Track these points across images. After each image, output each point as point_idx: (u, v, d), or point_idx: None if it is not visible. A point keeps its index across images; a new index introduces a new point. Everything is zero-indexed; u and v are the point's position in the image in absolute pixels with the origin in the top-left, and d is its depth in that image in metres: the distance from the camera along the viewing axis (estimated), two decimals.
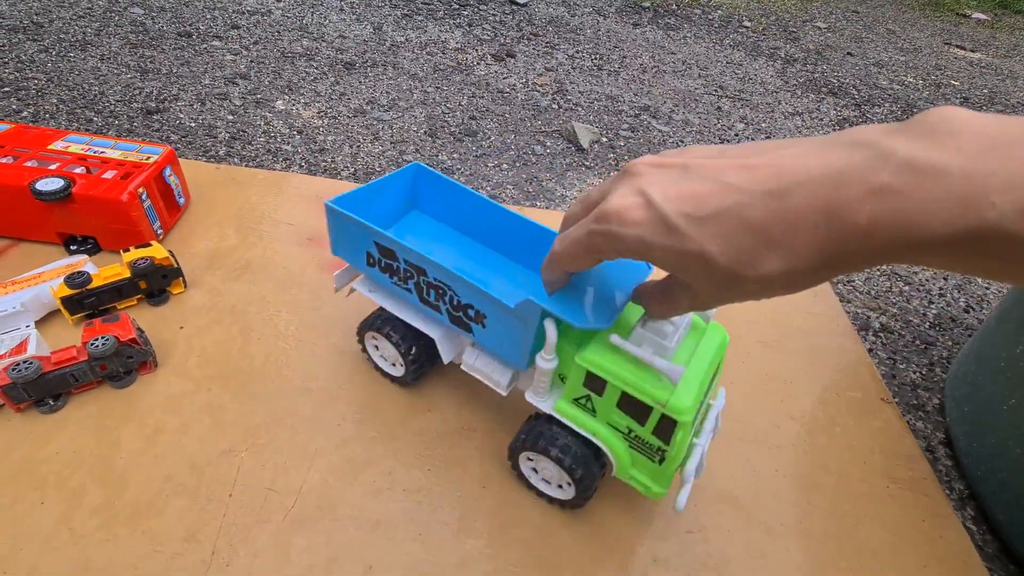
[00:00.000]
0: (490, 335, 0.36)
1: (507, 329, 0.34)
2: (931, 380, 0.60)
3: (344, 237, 0.39)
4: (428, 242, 0.44)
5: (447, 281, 0.35)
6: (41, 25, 1.06)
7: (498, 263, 0.43)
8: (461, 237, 0.45)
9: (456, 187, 0.43)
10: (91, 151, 0.56)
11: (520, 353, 0.35)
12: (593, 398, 0.33)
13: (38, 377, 0.39)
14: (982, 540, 0.46)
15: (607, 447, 0.34)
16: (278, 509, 0.38)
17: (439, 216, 0.46)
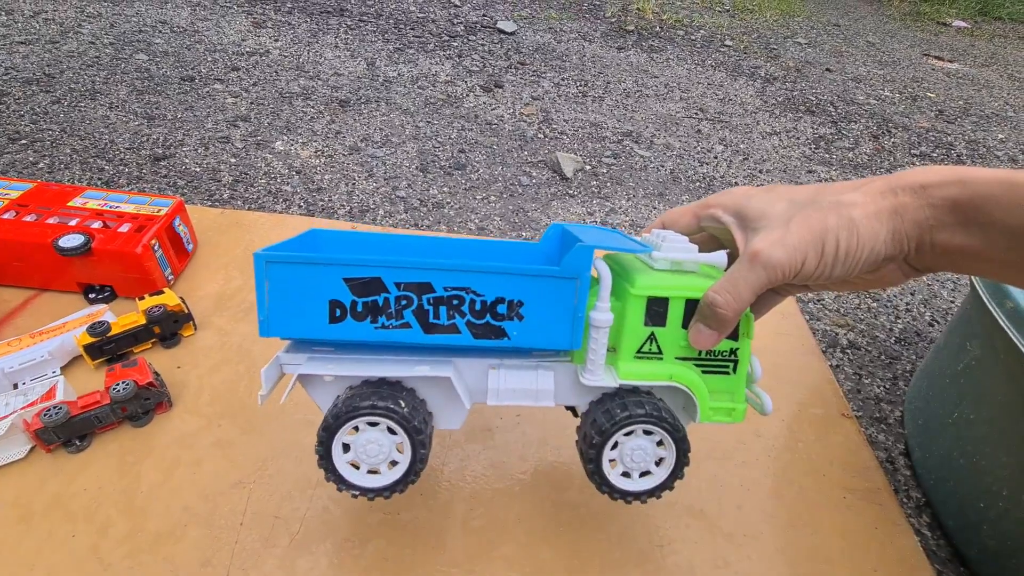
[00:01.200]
0: (530, 326, 0.30)
1: (553, 305, 0.30)
2: (894, 394, 0.64)
3: (288, 298, 0.29)
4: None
5: (466, 282, 0.29)
6: (53, 76, 1.13)
7: None
8: None
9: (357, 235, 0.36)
10: (107, 206, 0.61)
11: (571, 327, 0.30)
12: (657, 335, 0.31)
13: (66, 421, 0.43)
14: (936, 545, 0.50)
15: (685, 385, 0.31)
16: (284, 535, 0.42)
17: None
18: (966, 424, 0.47)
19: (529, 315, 0.30)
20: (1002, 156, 1.31)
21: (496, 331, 0.30)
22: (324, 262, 0.28)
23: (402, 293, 0.29)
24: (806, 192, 0.28)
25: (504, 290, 0.29)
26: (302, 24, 1.55)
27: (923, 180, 0.25)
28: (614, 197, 0.96)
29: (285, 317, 0.29)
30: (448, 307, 0.30)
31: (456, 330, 0.30)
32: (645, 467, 0.33)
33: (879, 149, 1.28)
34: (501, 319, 0.30)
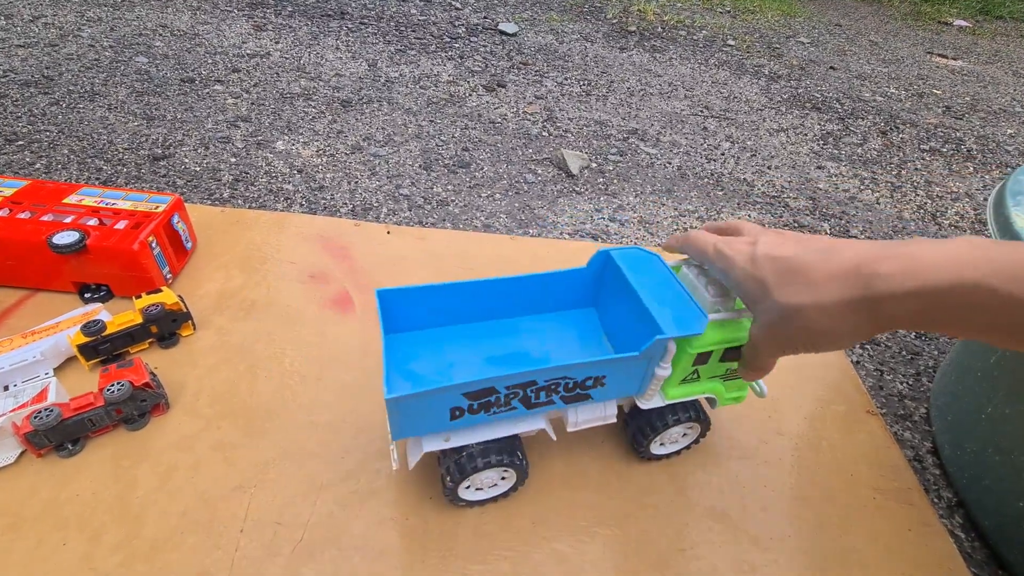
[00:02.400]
0: (609, 388, 0.38)
1: (630, 372, 0.37)
2: (918, 390, 0.62)
3: (416, 414, 0.35)
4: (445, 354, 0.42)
5: (563, 374, 0.35)
6: (52, 79, 1.12)
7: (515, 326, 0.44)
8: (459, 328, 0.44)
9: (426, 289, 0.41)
10: (103, 203, 0.59)
11: (641, 383, 0.39)
12: (699, 369, 0.39)
13: (58, 423, 0.41)
14: (971, 547, 0.48)
15: (714, 394, 0.41)
16: (287, 542, 0.40)
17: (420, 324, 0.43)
18: (1001, 419, 0.45)
19: (610, 382, 0.38)
20: (1012, 151, 1.29)
21: (581, 396, 0.38)
22: (446, 389, 0.34)
23: (511, 391, 0.36)
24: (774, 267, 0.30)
25: (592, 372, 0.36)
26: (303, 27, 1.54)
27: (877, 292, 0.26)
28: (622, 194, 0.95)
29: (413, 427, 0.37)
30: (547, 391, 0.37)
31: (552, 403, 0.38)
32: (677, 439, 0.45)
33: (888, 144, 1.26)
34: (587, 389, 0.38)
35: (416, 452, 0.38)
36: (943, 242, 0.26)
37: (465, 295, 0.42)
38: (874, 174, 1.13)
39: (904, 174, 1.14)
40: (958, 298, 0.24)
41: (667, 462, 0.48)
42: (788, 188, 1.04)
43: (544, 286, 0.44)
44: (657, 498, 0.45)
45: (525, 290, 0.44)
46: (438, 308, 0.43)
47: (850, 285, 0.27)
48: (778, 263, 0.30)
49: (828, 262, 0.28)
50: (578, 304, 0.46)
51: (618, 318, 0.43)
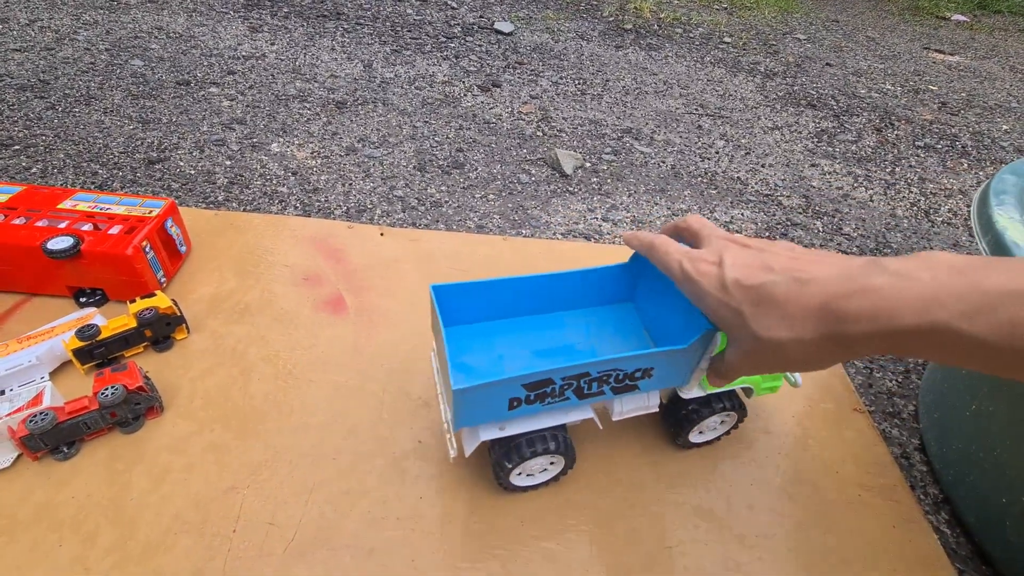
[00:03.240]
0: (656, 379, 0.40)
1: (678, 364, 0.39)
2: (907, 387, 0.62)
3: (477, 405, 0.37)
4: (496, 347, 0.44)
5: (615, 366, 0.37)
6: (47, 82, 1.12)
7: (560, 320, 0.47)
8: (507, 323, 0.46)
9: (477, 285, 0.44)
10: (97, 208, 0.60)
11: (689, 374, 0.40)
12: None
13: (53, 427, 0.42)
14: (956, 543, 0.48)
15: (750, 384, 0.44)
16: (279, 542, 0.40)
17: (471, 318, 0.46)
18: (985, 416, 0.46)
19: (657, 374, 0.39)
20: (1007, 147, 1.29)
21: (630, 387, 0.40)
22: (507, 381, 0.35)
23: (566, 383, 0.37)
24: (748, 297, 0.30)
25: (642, 364, 0.38)
26: (298, 28, 1.54)
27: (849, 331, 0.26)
28: (615, 194, 0.95)
29: (473, 416, 0.38)
30: (599, 382, 0.38)
31: (602, 393, 0.39)
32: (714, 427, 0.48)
33: (883, 142, 1.26)
34: (635, 380, 0.39)
35: (473, 441, 0.40)
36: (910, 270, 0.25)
37: (512, 290, 0.45)
38: (868, 171, 1.13)
39: (898, 171, 1.14)
40: (926, 338, 0.24)
41: (654, 461, 0.48)
42: (781, 186, 1.04)
43: (586, 282, 0.46)
44: (645, 497, 0.45)
45: (569, 286, 0.46)
46: (487, 303, 0.45)
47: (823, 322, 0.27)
48: (751, 293, 0.30)
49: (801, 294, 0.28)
50: (616, 299, 0.48)
51: (659, 312, 0.45)
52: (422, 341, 0.56)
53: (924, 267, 0.25)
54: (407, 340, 0.57)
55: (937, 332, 0.24)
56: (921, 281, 0.24)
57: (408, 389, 0.52)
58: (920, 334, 0.24)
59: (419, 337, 0.57)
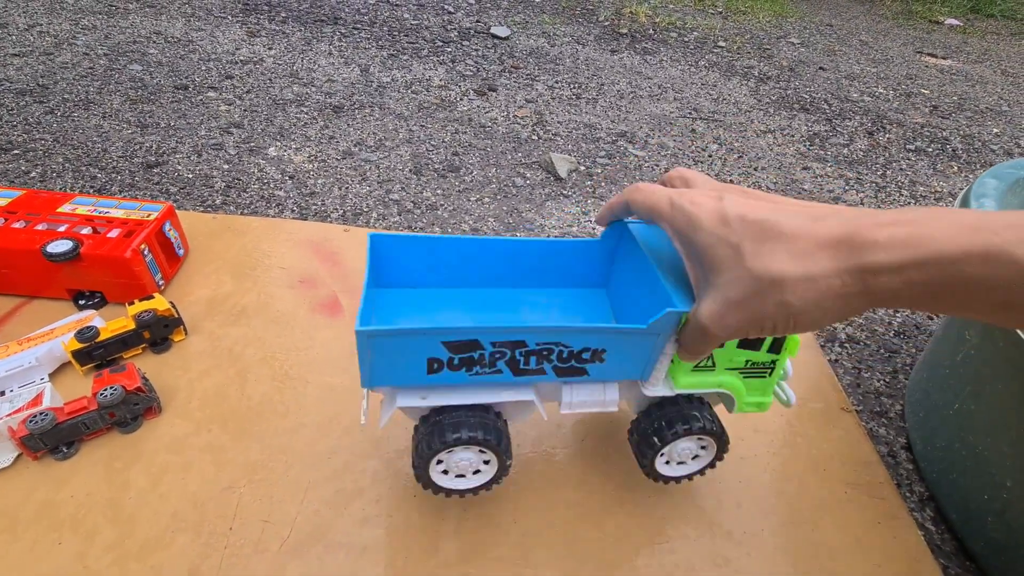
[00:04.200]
0: (609, 366, 0.34)
1: (635, 349, 0.33)
2: (894, 387, 0.63)
3: (389, 359, 0.32)
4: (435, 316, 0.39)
5: (556, 339, 0.32)
6: (46, 87, 1.13)
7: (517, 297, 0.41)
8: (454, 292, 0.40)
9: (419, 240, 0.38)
10: (96, 211, 0.61)
11: (646, 365, 0.34)
12: (714, 354, 0.35)
13: (53, 427, 0.43)
14: (940, 539, 0.49)
15: (729, 389, 0.37)
16: (274, 540, 0.41)
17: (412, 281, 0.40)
18: (967, 415, 0.47)
19: (610, 358, 0.34)
20: (997, 150, 1.31)
21: (578, 371, 0.34)
22: (424, 332, 0.30)
23: (497, 349, 0.32)
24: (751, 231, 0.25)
25: (591, 342, 0.33)
26: (296, 33, 1.55)
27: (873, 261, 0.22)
28: (609, 197, 0.96)
29: (386, 374, 0.33)
30: (538, 356, 0.33)
31: (542, 372, 0.34)
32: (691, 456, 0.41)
33: (874, 145, 1.28)
34: (584, 362, 0.34)
35: (389, 407, 0.35)
36: (946, 210, 0.22)
37: (465, 252, 0.39)
38: (859, 174, 1.14)
39: (889, 174, 1.16)
40: (972, 268, 0.21)
41: None
42: (774, 189, 1.05)
43: (552, 255, 0.40)
44: (635, 494, 0.46)
45: (531, 256, 0.40)
46: (434, 264, 0.39)
47: (843, 254, 0.23)
48: (754, 226, 0.25)
49: (815, 227, 0.24)
50: (588, 283, 0.42)
51: (630, 298, 0.38)
52: None
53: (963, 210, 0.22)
54: None
55: (990, 260, 0.20)
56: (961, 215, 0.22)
57: None
58: (967, 262, 0.21)
59: None
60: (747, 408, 0.38)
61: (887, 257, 0.22)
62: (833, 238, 0.23)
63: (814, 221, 0.24)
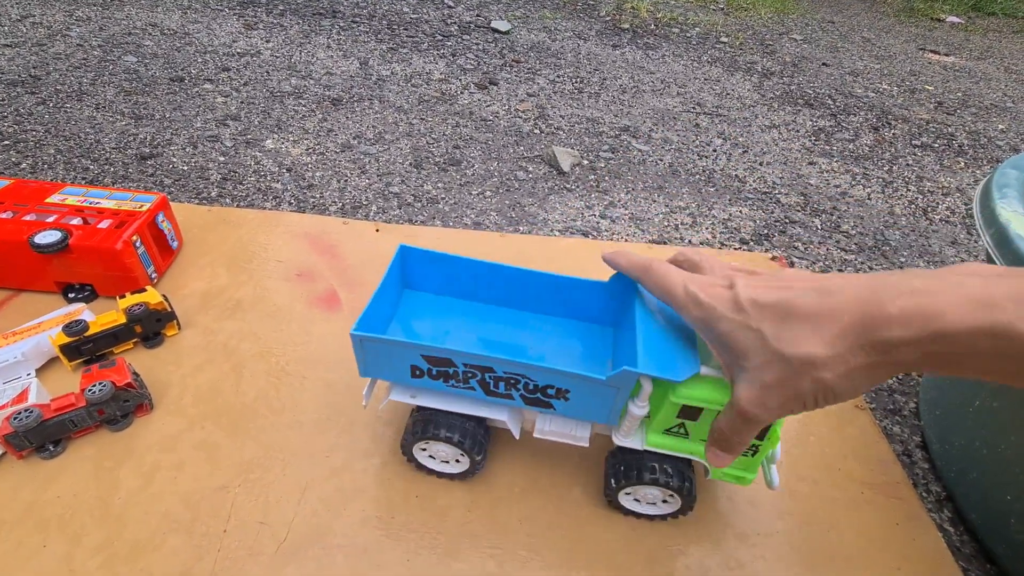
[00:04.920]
0: (574, 405, 0.36)
1: (596, 397, 0.35)
2: (907, 384, 0.62)
3: (379, 359, 0.37)
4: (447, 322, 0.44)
5: (522, 372, 0.35)
6: (39, 78, 1.11)
7: (526, 321, 0.44)
8: (472, 305, 0.45)
9: (447, 258, 0.43)
10: (87, 202, 0.59)
11: (610, 413, 0.36)
12: (687, 425, 0.35)
13: (38, 425, 0.41)
14: (959, 541, 0.47)
15: (702, 459, 0.37)
16: (270, 541, 0.39)
17: (437, 289, 0.45)
18: (988, 412, 0.45)
19: (574, 399, 0.36)
20: (1004, 146, 1.29)
21: (544, 403, 0.37)
22: (405, 344, 0.35)
23: (468, 370, 0.36)
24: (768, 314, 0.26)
25: (555, 381, 0.35)
26: (294, 25, 1.53)
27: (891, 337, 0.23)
28: (613, 191, 0.94)
29: (377, 369, 0.38)
30: (506, 384, 0.36)
31: (511, 398, 0.37)
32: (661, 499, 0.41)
33: (880, 140, 1.26)
34: (549, 397, 0.36)
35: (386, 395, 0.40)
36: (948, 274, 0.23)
37: (482, 274, 0.44)
38: (865, 170, 1.13)
39: (895, 169, 1.14)
40: (983, 343, 0.22)
41: None
42: (779, 184, 1.04)
43: (561, 289, 0.43)
44: None
45: (542, 288, 0.44)
46: (454, 278, 0.44)
47: (863, 332, 0.24)
48: (771, 310, 0.26)
49: (831, 304, 0.25)
50: (597, 319, 0.45)
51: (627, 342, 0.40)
52: None
53: (964, 272, 0.23)
54: None
55: (998, 336, 0.21)
56: (972, 283, 0.22)
57: None
58: (977, 337, 0.22)
59: None
60: (726, 479, 0.38)
61: (903, 333, 0.23)
62: (849, 313, 0.24)
63: (827, 296, 0.25)
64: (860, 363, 0.24)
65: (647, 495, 0.40)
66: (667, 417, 0.35)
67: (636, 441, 0.37)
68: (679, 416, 0.35)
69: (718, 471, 0.37)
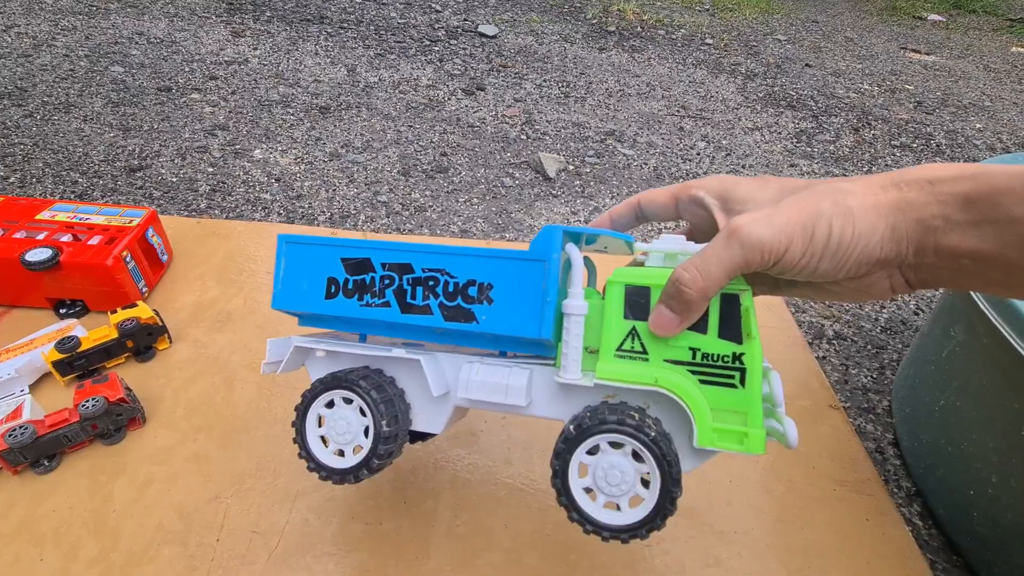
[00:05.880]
0: (499, 311, 0.30)
1: (521, 289, 0.29)
2: (881, 383, 0.64)
3: (296, 274, 0.34)
4: None
5: (442, 264, 0.31)
6: (25, 90, 1.11)
7: None
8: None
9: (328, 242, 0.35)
10: (77, 218, 0.60)
11: (540, 312, 0.29)
12: (640, 332, 0.28)
13: (33, 441, 0.42)
14: (928, 535, 0.49)
15: (676, 394, 0.27)
16: (262, 550, 0.40)
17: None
18: (952, 411, 0.47)
19: (498, 299, 0.30)
20: (980, 145, 1.32)
21: (466, 313, 0.31)
22: (328, 244, 0.34)
23: (386, 273, 0.32)
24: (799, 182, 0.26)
25: (475, 272, 0.31)
26: (281, 32, 1.54)
27: (931, 175, 0.22)
28: (598, 196, 0.96)
29: (291, 291, 0.35)
30: (424, 288, 0.32)
31: (429, 311, 0.32)
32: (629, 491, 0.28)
33: (860, 141, 1.29)
34: (471, 302, 0.31)
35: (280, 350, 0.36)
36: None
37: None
38: (845, 171, 1.15)
39: (875, 170, 1.17)
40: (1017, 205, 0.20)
41: None
42: None
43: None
44: None
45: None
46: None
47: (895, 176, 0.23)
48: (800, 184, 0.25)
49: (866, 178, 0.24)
50: None
51: None
52: None
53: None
54: None
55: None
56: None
57: None
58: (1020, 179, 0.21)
59: None
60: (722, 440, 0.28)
61: (942, 172, 0.22)
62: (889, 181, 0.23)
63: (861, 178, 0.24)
64: (888, 200, 0.23)
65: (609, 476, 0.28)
66: (613, 322, 0.28)
67: (588, 377, 0.29)
68: (627, 316, 0.28)
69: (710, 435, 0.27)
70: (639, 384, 0.28)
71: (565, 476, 0.29)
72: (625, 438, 0.27)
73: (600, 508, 0.29)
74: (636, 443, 0.27)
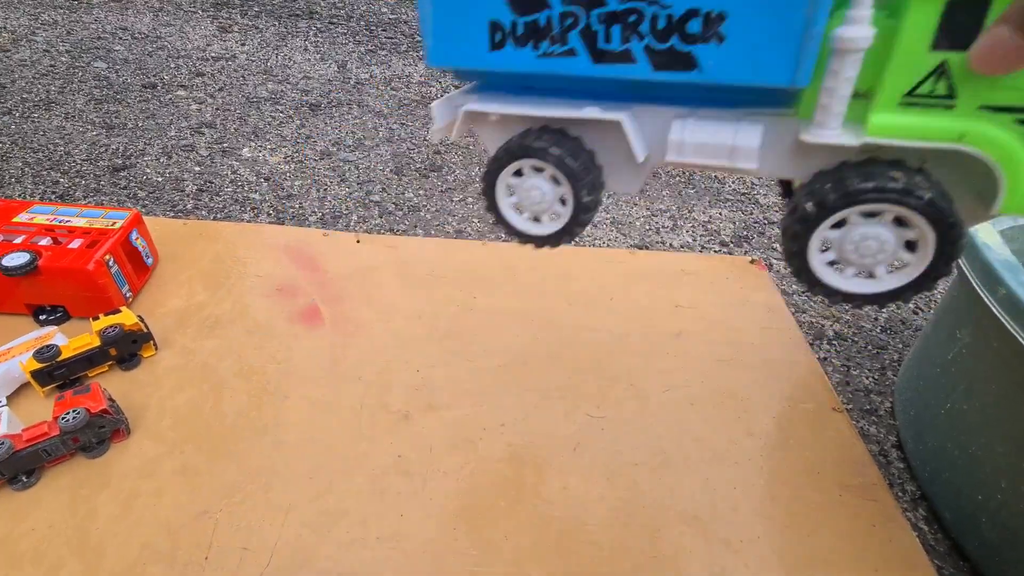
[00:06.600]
0: (734, 51, 0.22)
1: (772, 14, 0.21)
2: (883, 384, 0.63)
3: (451, 20, 0.26)
4: None
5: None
6: (3, 86, 1.07)
7: None
8: None
9: None
10: (57, 220, 0.57)
11: (799, 49, 0.21)
12: (951, 66, 0.19)
13: (10, 456, 0.40)
14: (934, 539, 0.49)
15: (985, 151, 0.20)
16: (253, 568, 0.39)
17: None
18: (959, 414, 0.46)
19: (733, 33, 0.21)
20: None
21: (683, 59, 0.23)
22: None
23: (567, 9, 0.24)
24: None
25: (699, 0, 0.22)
26: (270, 28, 1.51)
27: None
28: None
29: (448, 43, 0.26)
30: (623, 26, 0.23)
31: (631, 58, 0.24)
32: (877, 262, 0.23)
33: None
34: (692, 41, 0.22)
35: (446, 109, 0.29)
36: None
37: None
38: None
39: None
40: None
41: (637, 467, 0.48)
42: (758, 184, 1.05)
43: None
44: (631, 506, 0.45)
45: None
46: None
47: None
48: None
49: None
50: None
51: None
52: (401, 352, 0.55)
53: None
54: (385, 351, 0.56)
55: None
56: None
57: (387, 402, 0.51)
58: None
59: (398, 348, 0.56)
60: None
61: None
62: None
63: None
64: None
65: (862, 246, 0.23)
66: (912, 54, 0.20)
67: (849, 134, 0.21)
68: (938, 45, 0.19)
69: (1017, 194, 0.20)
70: (935, 142, 0.20)
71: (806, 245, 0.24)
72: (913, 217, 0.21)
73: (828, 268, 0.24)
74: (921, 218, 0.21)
